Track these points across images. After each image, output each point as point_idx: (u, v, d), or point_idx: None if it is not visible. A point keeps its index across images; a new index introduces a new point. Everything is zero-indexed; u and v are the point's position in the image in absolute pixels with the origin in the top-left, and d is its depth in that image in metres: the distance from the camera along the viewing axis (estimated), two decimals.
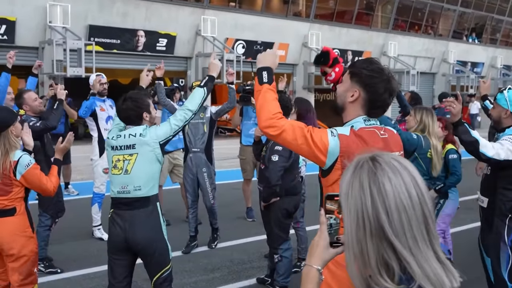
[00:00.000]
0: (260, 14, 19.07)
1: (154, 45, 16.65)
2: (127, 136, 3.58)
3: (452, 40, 25.74)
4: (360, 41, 21.85)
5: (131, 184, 3.54)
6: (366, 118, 2.53)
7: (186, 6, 17.30)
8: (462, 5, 25.34)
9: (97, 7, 15.47)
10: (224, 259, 5.91)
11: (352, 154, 2.28)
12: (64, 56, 13.95)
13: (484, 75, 27.41)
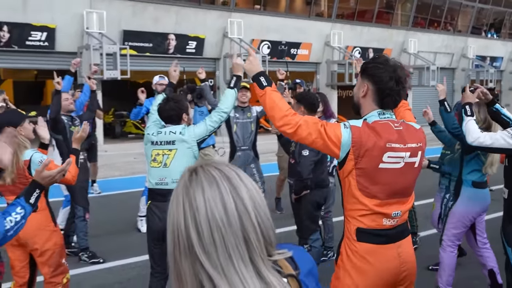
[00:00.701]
0: (284, 15, 19.00)
1: (184, 48, 16.74)
2: (168, 133, 3.73)
3: (471, 36, 25.24)
4: (380, 39, 21.60)
5: (169, 176, 3.66)
6: (381, 112, 2.50)
7: (213, 10, 17.35)
8: (481, 1, 24.84)
9: (130, 13, 15.62)
10: None
11: (364, 145, 2.38)
12: (101, 60, 14.11)
13: (503, 69, 26.87)
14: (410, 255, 2.56)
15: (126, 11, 15.52)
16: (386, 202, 2.46)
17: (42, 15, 14.14)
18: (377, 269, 2.44)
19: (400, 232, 2.54)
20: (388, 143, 2.41)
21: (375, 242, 2.47)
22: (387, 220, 2.47)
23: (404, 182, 2.52)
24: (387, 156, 2.42)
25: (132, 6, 15.65)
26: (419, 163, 2.56)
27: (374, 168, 2.43)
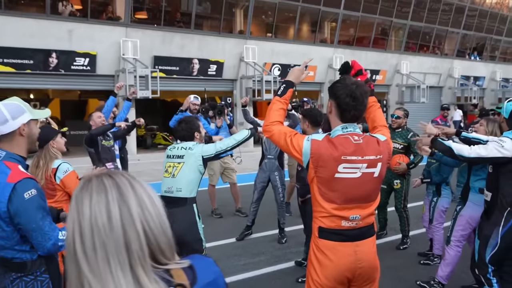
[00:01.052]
0: (292, 42, 19.11)
1: (206, 70, 16.87)
2: (180, 148, 3.76)
3: (457, 58, 25.17)
4: (377, 62, 21.61)
5: (174, 186, 3.69)
6: (344, 126, 2.51)
7: (231, 37, 17.51)
8: (465, 28, 24.77)
9: (160, 41, 15.83)
10: (267, 246, 5.93)
11: (321, 156, 2.46)
12: (135, 82, 14.30)
13: (485, 87, 26.68)
14: (367, 254, 2.49)
15: (156, 40, 15.75)
16: (344, 207, 2.44)
17: (85, 44, 14.42)
18: (334, 263, 2.44)
19: (360, 233, 2.48)
20: (343, 156, 2.41)
21: (333, 240, 2.46)
22: (345, 222, 2.45)
23: (362, 190, 2.47)
24: (342, 167, 2.41)
25: (161, 35, 15.88)
26: (379, 173, 2.49)
27: (331, 177, 2.43)
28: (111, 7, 15.60)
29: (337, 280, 2.45)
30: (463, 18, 24.43)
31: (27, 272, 2.29)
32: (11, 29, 13.19)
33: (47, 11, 13.80)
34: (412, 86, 21.76)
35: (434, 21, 23.30)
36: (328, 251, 2.46)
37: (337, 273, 2.45)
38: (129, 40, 14.95)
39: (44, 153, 3.53)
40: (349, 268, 2.44)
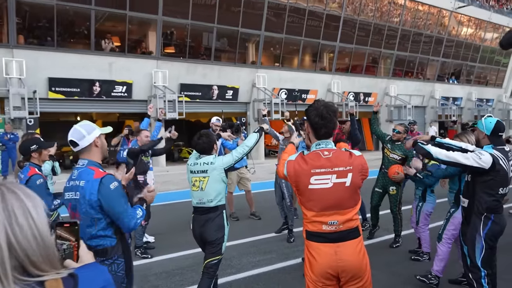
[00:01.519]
0: (296, 70, 19.15)
1: (224, 95, 16.95)
2: (202, 164, 3.60)
3: (437, 82, 24.94)
4: (369, 86, 21.55)
5: (205, 197, 3.58)
6: (318, 143, 2.51)
7: (245, 67, 17.60)
8: (443, 56, 24.63)
9: (185, 71, 15.98)
10: (278, 244, 5.85)
11: (295, 172, 2.46)
12: (164, 105, 14.37)
13: (463, 106, 26.41)
14: (347, 254, 2.39)
15: (182, 70, 15.89)
16: (322, 214, 2.39)
17: (123, 74, 14.61)
18: (318, 261, 2.40)
19: (341, 236, 2.40)
20: (313, 169, 2.39)
21: (317, 241, 2.42)
22: (325, 226, 2.40)
23: (336, 198, 2.40)
24: (314, 179, 2.39)
25: (186, 66, 16.04)
26: (351, 182, 2.40)
27: (305, 188, 2.42)
28: (145, 43, 15.82)
29: (322, 275, 2.41)
30: (442, 48, 24.29)
31: (108, 256, 2.44)
32: (62, 63, 13.41)
33: (91, 48, 14.02)
34: (399, 106, 21.59)
35: (417, 51, 23.20)
36: (313, 251, 2.44)
37: (321, 270, 2.40)
38: (160, 71, 15.11)
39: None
40: (330, 266, 2.39)
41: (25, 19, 13.16)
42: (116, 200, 2.41)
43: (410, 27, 22.32)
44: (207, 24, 16.03)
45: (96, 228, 2.42)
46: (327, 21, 19.05)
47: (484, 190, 3.23)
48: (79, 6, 13.50)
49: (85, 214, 2.40)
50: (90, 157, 2.51)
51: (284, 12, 17.68)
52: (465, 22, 25.20)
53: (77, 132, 2.47)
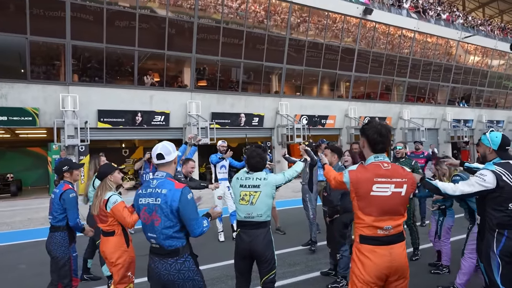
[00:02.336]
0: (316, 98, 19.11)
1: (250, 122, 17.04)
2: (255, 179, 3.37)
3: (448, 106, 24.26)
4: (383, 111, 21.19)
5: (254, 212, 3.29)
6: (376, 155, 2.57)
7: (269, 96, 17.72)
8: (453, 82, 24.04)
9: (216, 101, 16.22)
10: (302, 257, 5.64)
11: (358, 180, 2.49)
12: (197, 131, 14.56)
13: (474, 128, 25.45)
14: (399, 255, 2.46)
15: (213, 100, 16.14)
16: (380, 219, 2.44)
17: (161, 105, 14.97)
18: (373, 262, 2.43)
19: (392, 239, 2.46)
20: (376, 178, 2.46)
21: (372, 244, 2.46)
22: (380, 230, 2.45)
23: (393, 205, 2.47)
24: (375, 186, 2.45)
25: (217, 97, 16.29)
26: (405, 192, 2.49)
27: (367, 194, 2.47)
28: (181, 78, 16.25)
29: (377, 276, 2.42)
30: (451, 74, 23.73)
31: (179, 255, 2.56)
32: (109, 96, 13.92)
33: (135, 83, 14.51)
34: (413, 129, 21.03)
35: (427, 78, 22.75)
36: (368, 253, 2.45)
37: (377, 271, 2.42)
38: (193, 101, 15.40)
39: (102, 185, 3.54)
40: (386, 266, 2.42)
41: (79, 60, 13.83)
42: (191, 208, 2.56)
43: (420, 57, 21.98)
44: (235, 60, 16.34)
45: (172, 230, 2.54)
46: (343, 54, 19.05)
47: (493, 207, 2.93)
48: (125, 47, 14.10)
49: (166, 217, 2.53)
50: (168, 170, 2.68)
51: (304, 48, 17.83)
52: (471, 51, 24.62)
53: (166, 148, 2.66)
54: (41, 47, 13.21)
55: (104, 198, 3.45)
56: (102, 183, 3.54)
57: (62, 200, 3.65)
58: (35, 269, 5.46)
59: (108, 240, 3.49)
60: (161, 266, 2.54)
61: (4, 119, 12.48)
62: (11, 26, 12.34)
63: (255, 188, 3.35)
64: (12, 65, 13.08)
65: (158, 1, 14.36)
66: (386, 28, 20.30)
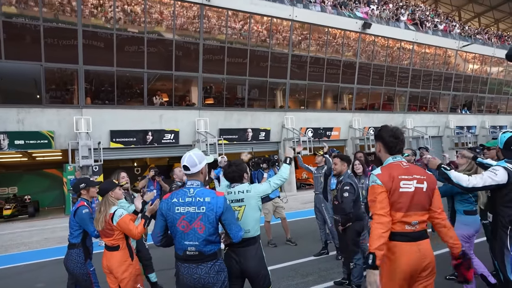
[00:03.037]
0: (320, 111, 19.10)
1: (257, 136, 17.03)
2: (237, 192, 3.10)
3: (450, 113, 24.06)
4: (386, 121, 20.96)
5: (244, 227, 2.97)
6: (394, 156, 2.62)
7: (275, 111, 17.75)
8: (454, 90, 23.90)
9: (223, 118, 16.28)
10: (314, 268, 5.51)
11: (389, 179, 2.49)
12: (206, 148, 14.56)
13: (477, 134, 25.14)
14: (428, 250, 2.46)
15: (220, 117, 16.21)
16: (407, 214, 2.45)
17: (171, 124, 15.07)
18: (403, 258, 2.41)
19: (419, 235, 2.47)
20: (400, 176, 2.51)
21: (401, 241, 2.44)
22: (408, 226, 2.45)
23: (417, 200, 2.48)
24: (402, 183, 2.49)
25: (224, 114, 16.35)
26: (427, 188, 2.51)
27: (397, 190, 2.48)
28: (189, 97, 16.39)
29: (410, 272, 2.40)
30: (451, 83, 23.61)
31: (217, 258, 2.63)
32: (121, 117, 14.07)
33: (145, 103, 14.67)
34: (417, 137, 20.84)
35: (428, 87, 22.66)
36: (397, 249, 2.43)
37: (407, 267, 2.40)
38: (202, 119, 15.48)
39: (104, 201, 3.53)
40: (417, 262, 2.40)
41: (92, 83, 14.06)
42: (231, 214, 2.69)
43: (420, 67, 21.96)
44: (240, 77, 16.47)
45: (214, 235, 2.62)
46: (344, 68, 19.11)
47: (504, 204, 2.88)
48: (134, 70, 14.32)
49: (210, 224, 2.58)
50: (200, 179, 2.74)
51: (306, 63, 17.94)
52: (470, 59, 24.53)
53: (192, 160, 2.71)
54: (55, 73, 13.48)
55: (110, 212, 3.44)
56: (103, 199, 3.54)
57: (76, 216, 3.69)
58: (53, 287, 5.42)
59: (113, 255, 3.47)
60: (201, 271, 2.59)
61: (21, 143, 12.65)
62: (27, 55, 12.64)
63: (239, 202, 3.07)
64: (28, 91, 13.34)
65: (165, 25, 14.65)
66: (385, 41, 20.39)
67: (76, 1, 12.85)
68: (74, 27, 12.90)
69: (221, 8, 15.44)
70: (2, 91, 12.79)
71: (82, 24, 12.99)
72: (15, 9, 12.23)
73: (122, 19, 13.83)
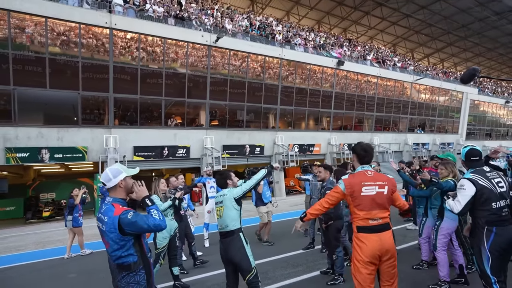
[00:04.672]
0: (304, 130, 19.13)
1: (254, 151, 16.95)
2: (219, 196, 3.27)
3: (408, 133, 24.23)
4: (358, 138, 21.08)
5: (223, 223, 3.17)
6: (362, 166, 2.69)
7: (268, 131, 17.74)
8: (410, 114, 24.17)
9: (226, 136, 16.22)
10: (303, 259, 5.39)
11: (352, 185, 2.54)
12: (212, 161, 14.43)
13: (430, 149, 25.31)
14: (387, 240, 2.52)
15: (223, 135, 16.16)
16: (370, 212, 2.52)
17: (183, 141, 14.97)
18: (368, 246, 2.49)
19: (381, 228, 2.53)
20: (363, 182, 2.57)
21: (365, 232, 2.54)
22: (372, 221, 2.53)
23: (379, 201, 2.55)
24: (364, 188, 2.55)
25: (226, 133, 16.30)
26: (387, 192, 2.58)
27: (359, 194, 2.56)
28: (198, 119, 16.35)
29: (372, 256, 2.47)
30: (408, 109, 23.92)
31: (131, 270, 2.30)
32: (142, 136, 13.96)
33: (162, 124, 14.60)
34: (382, 152, 20.89)
35: (390, 112, 22.91)
36: (364, 239, 2.51)
37: (372, 252, 2.47)
38: (208, 137, 15.41)
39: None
40: (378, 249, 2.48)
41: (119, 108, 13.99)
42: (135, 225, 2.23)
43: (383, 96, 22.25)
44: (240, 103, 16.52)
45: (122, 250, 2.26)
46: (323, 96, 19.30)
47: (478, 208, 2.79)
48: (154, 97, 14.31)
49: (114, 241, 2.25)
50: (115, 195, 2.37)
51: (292, 93, 18.10)
52: (422, 90, 24.97)
53: (105, 175, 2.37)
54: (89, 100, 13.42)
55: None
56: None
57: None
58: (83, 277, 5.21)
59: None
60: (118, 281, 2.30)
61: (60, 156, 12.45)
62: (68, 85, 12.59)
63: (220, 204, 3.22)
64: (67, 115, 13.23)
65: (179, 62, 14.75)
66: (355, 76, 20.71)
67: (109, 44, 12.93)
68: (106, 63, 12.93)
69: (225, 49, 15.63)
70: (46, 114, 12.67)
71: (113, 61, 13.03)
72: (59, 49, 12.26)
73: (145, 57, 13.92)
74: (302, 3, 26.38)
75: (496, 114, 31.12)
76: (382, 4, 26.39)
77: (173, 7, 15.53)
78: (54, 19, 12.02)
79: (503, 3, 25.57)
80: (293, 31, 21.06)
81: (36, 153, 12.09)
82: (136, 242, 2.32)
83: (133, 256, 2.30)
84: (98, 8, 12.98)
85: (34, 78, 11.86)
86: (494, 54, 35.88)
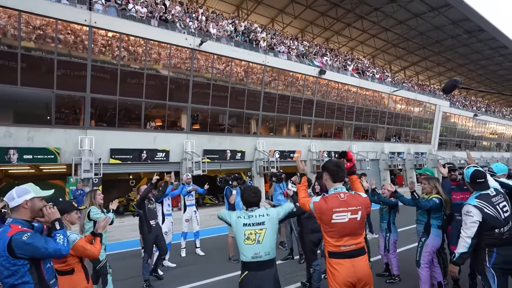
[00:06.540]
0: (285, 137, 19.26)
1: (235, 156, 16.85)
2: (258, 216, 2.65)
3: (385, 142, 25.02)
4: (337, 146, 21.53)
5: (262, 250, 2.56)
6: (335, 187, 2.48)
7: (249, 136, 17.71)
8: (387, 124, 24.98)
9: (207, 140, 16.04)
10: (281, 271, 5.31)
11: (321, 210, 2.41)
12: (192, 165, 14.19)
13: (405, 158, 26.24)
14: (362, 266, 2.37)
15: (204, 140, 15.95)
16: (340, 239, 2.39)
17: (163, 144, 14.63)
18: (340, 273, 2.35)
19: (354, 253, 2.39)
20: (334, 208, 2.40)
21: (337, 258, 2.40)
22: (343, 247, 2.39)
23: (351, 229, 2.40)
24: (335, 215, 2.39)
25: (208, 137, 16.12)
26: (360, 217, 2.42)
27: (329, 222, 2.41)
28: (179, 122, 16.06)
29: (345, 283, 2.32)
30: (385, 118, 24.72)
31: None
32: (120, 138, 13.49)
33: (141, 127, 14.20)
34: (360, 159, 21.42)
35: (368, 121, 23.57)
36: (336, 265, 2.37)
37: (343, 279, 2.33)
38: (189, 141, 15.15)
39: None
40: (350, 276, 2.33)
41: (97, 109, 13.47)
42: (30, 246, 2.02)
43: (362, 105, 22.88)
44: (222, 108, 16.40)
45: (14, 277, 2.01)
46: (305, 103, 19.55)
47: (482, 232, 2.77)
48: (134, 99, 13.90)
49: (4, 267, 2.01)
50: (17, 215, 2.17)
51: (275, 99, 18.20)
52: (398, 101, 25.92)
53: (9, 195, 2.20)
54: (65, 99, 12.82)
55: None
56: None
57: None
58: None
59: (67, 279, 2.68)
60: None
61: (29, 158, 11.77)
62: (41, 83, 11.97)
63: (260, 225, 2.62)
64: (39, 113, 12.56)
65: (161, 63, 14.44)
66: (336, 85, 21.17)
67: (88, 40, 12.45)
68: (84, 61, 12.43)
69: (209, 52, 15.49)
70: (15, 113, 11.96)
71: (92, 59, 12.55)
72: (33, 44, 11.64)
73: (126, 57, 13.51)
74: (287, 11, 26.74)
75: (466, 126, 32.87)
76: (363, 17, 27.24)
77: (157, 8, 15.23)
78: (29, 13, 11.42)
79: (473, 23, 27.13)
80: (277, 38, 21.26)
81: (3, 154, 11.36)
82: (33, 268, 2.06)
83: (29, 284, 2.04)
84: (78, 3, 12.48)
85: (4, 72, 11.18)
86: (464, 69, 37.96)
